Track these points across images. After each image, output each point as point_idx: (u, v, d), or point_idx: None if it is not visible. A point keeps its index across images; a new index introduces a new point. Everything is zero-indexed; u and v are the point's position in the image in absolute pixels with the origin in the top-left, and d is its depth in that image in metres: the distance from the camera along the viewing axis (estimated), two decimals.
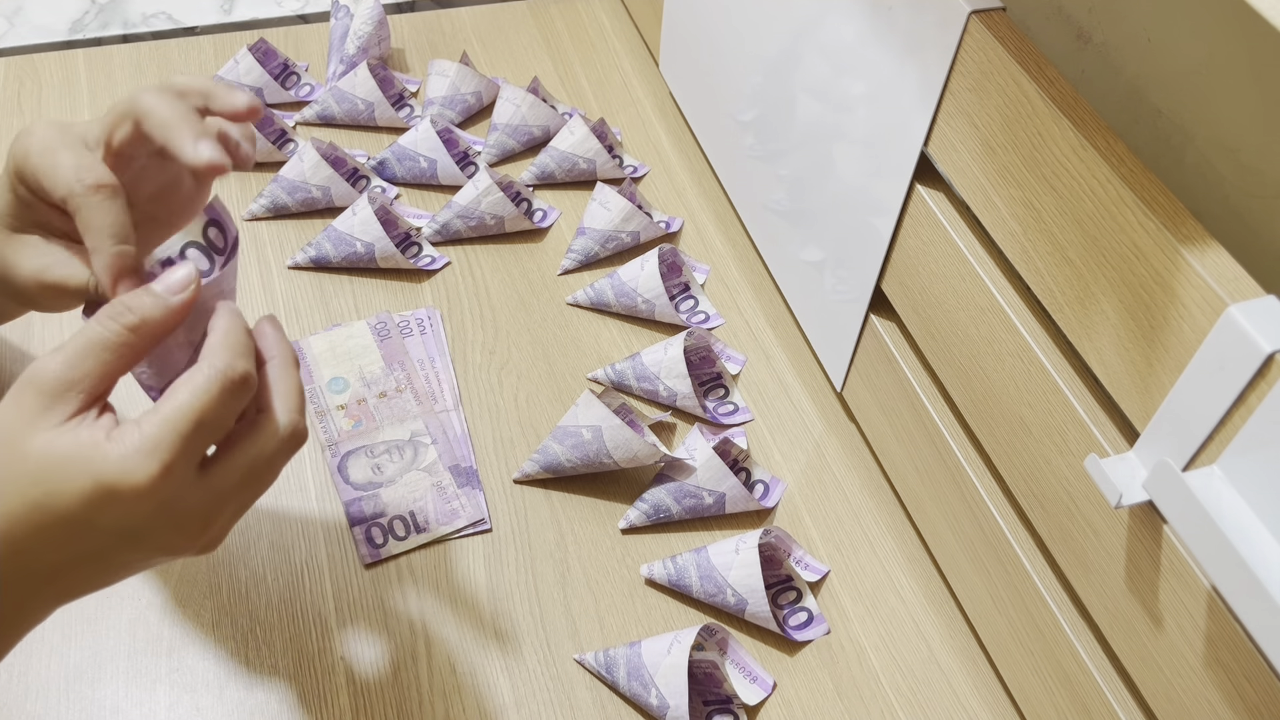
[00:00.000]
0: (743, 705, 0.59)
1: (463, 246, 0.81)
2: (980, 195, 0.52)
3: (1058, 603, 0.52)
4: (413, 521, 0.64)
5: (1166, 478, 0.40)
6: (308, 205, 0.81)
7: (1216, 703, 0.42)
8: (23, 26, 0.94)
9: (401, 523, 0.64)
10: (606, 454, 0.65)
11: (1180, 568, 0.42)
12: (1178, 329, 0.41)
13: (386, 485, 0.66)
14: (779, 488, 0.69)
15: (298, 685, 0.58)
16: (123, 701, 0.57)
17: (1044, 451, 0.50)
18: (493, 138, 0.86)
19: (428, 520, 0.64)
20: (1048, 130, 0.46)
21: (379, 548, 0.63)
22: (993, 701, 0.60)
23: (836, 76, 0.61)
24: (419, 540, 0.64)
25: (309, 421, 0.68)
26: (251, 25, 0.98)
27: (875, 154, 0.59)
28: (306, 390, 0.70)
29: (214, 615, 0.60)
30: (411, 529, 0.64)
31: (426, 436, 0.68)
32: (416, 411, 0.69)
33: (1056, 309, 0.48)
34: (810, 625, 0.63)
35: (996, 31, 0.48)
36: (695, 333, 0.72)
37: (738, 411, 0.73)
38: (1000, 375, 0.53)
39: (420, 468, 0.66)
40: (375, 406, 0.69)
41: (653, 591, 0.64)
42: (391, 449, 0.67)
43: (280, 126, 0.86)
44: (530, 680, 0.59)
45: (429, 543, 0.64)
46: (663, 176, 0.88)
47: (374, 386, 0.70)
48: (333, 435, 0.68)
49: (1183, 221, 0.41)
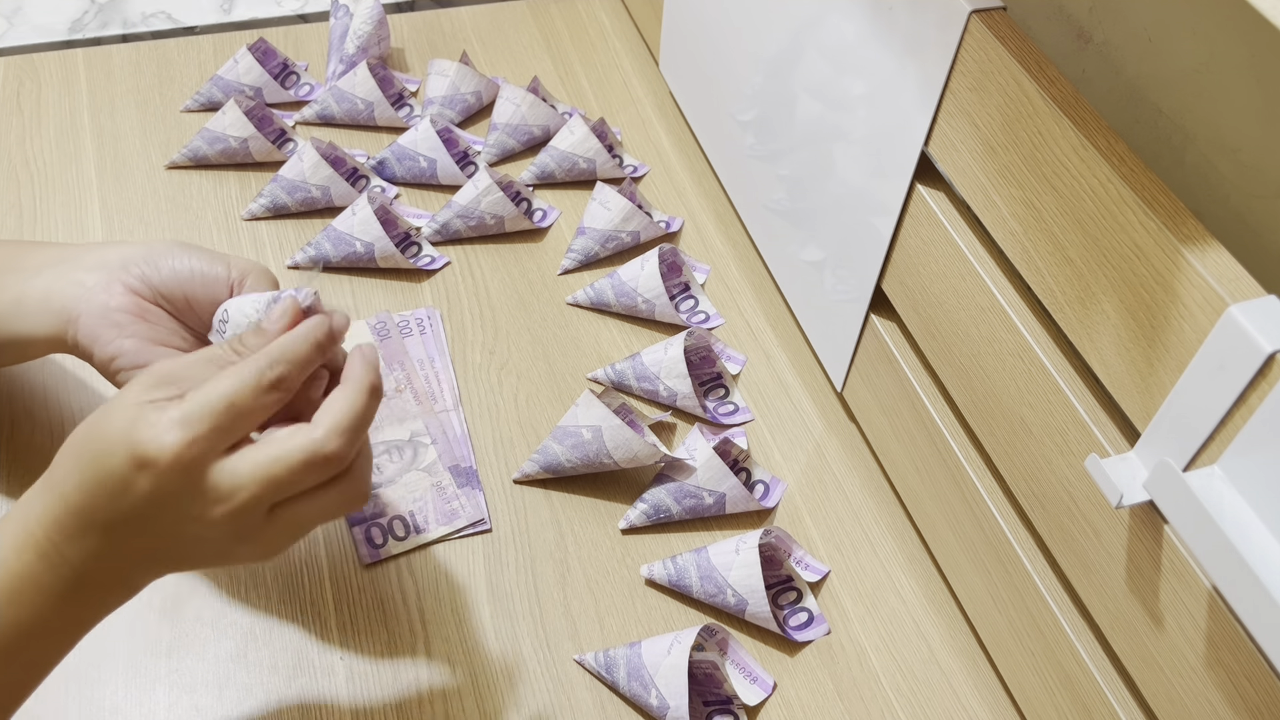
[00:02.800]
0: (743, 705, 0.58)
1: (463, 246, 0.81)
2: (981, 195, 0.52)
3: (1058, 603, 0.52)
4: (412, 522, 0.64)
5: (1167, 478, 0.40)
6: (307, 205, 0.81)
7: (1217, 703, 0.42)
8: (22, 26, 0.94)
9: (401, 523, 0.64)
10: (606, 454, 0.65)
11: (1181, 568, 0.42)
12: (1178, 329, 0.41)
13: (386, 485, 0.66)
14: (779, 488, 0.69)
15: (298, 685, 0.58)
16: (123, 701, 0.57)
17: (1044, 451, 0.50)
18: (493, 137, 0.86)
19: (427, 520, 0.64)
20: (1048, 130, 0.46)
21: (379, 548, 0.63)
22: (993, 701, 0.60)
23: (837, 76, 0.61)
24: (419, 540, 0.64)
25: None
26: (251, 25, 0.98)
27: (876, 154, 0.59)
28: None
29: (214, 615, 0.60)
30: (411, 529, 0.64)
31: (426, 437, 0.68)
32: (416, 411, 0.69)
33: (1057, 309, 0.48)
34: (810, 625, 0.63)
35: (997, 31, 0.48)
36: (695, 333, 0.72)
37: (738, 411, 0.73)
38: (1000, 375, 0.53)
39: (420, 468, 0.66)
40: None
41: (653, 592, 0.64)
42: (391, 449, 0.67)
43: (280, 126, 0.86)
44: (530, 680, 0.59)
45: (429, 543, 0.64)
46: (663, 176, 0.88)
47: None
48: None
49: (1183, 221, 0.41)
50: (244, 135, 0.82)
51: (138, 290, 0.54)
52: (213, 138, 0.82)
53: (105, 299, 0.53)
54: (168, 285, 0.54)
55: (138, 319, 0.53)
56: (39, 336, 0.54)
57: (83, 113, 0.87)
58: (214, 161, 0.83)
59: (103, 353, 0.52)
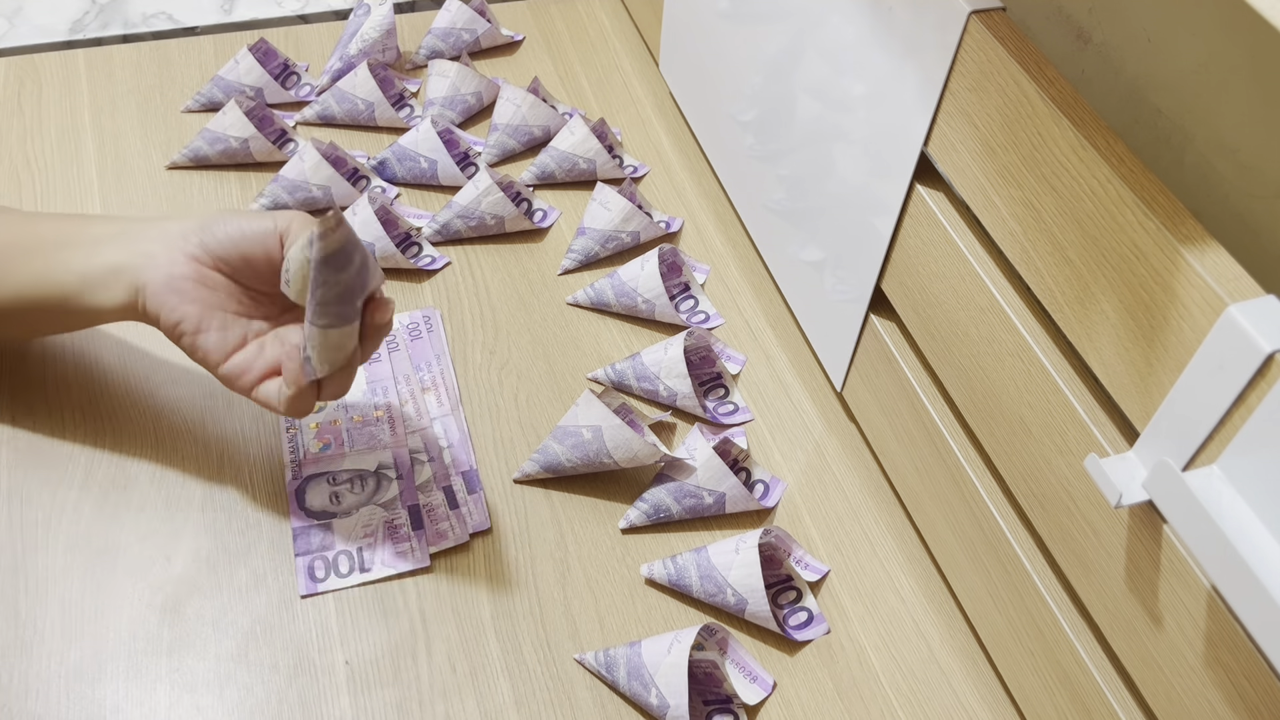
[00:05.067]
0: (743, 705, 0.59)
1: (463, 246, 0.81)
2: (980, 195, 0.52)
3: (1058, 603, 0.52)
4: (359, 559, 0.62)
5: (1166, 477, 0.40)
6: (308, 205, 0.81)
7: (1216, 703, 0.42)
8: (23, 26, 0.94)
9: (347, 558, 0.62)
10: (606, 454, 0.65)
11: (1180, 568, 0.42)
12: (1178, 329, 0.41)
13: (340, 517, 0.64)
14: (779, 488, 0.69)
15: (298, 685, 0.58)
16: (123, 701, 0.57)
17: (1044, 451, 0.50)
18: (493, 138, 0.86)
19: (373, 561, 0.62)
20: (1048, 130, 0.46)
21: (318, 581, 0.61)
22: (993, 701, 0.60)
23: (836, 76, 0.61)
24: (360, 579, 0.62)
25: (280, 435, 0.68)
26: (252, 25, 0.98)
27: (875, 154, 0.59)
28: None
29: (214, 615, 0.60)
30: (356, 567, 0.62)
31: (392, 471, 0.66)
32: (389, 443, 0.67)
33: (1056, 309, 0.48)
34: (810, 625, 0.63)
35: (996, 31, 0.48)
36: (695, 333, 0.72)
37: (738, 411, 0.73)
38: (1000, 375, 0.53)
39: (379, 503, 0.64)
40: (348, 430, 0.68)
41: (653, 591, 0.64)
42: (355, 479, 0.65)
43: (280, 126, 0.86)
44: (530, 680, 0.59)
45: (369, 583, 0.62)
46: (663, 176, 0.88)
47: (352, 410, 0.69)
48: (299, 455, 0.66)
49: (1183, 221, 0.41)
50: (245, 135, 0.82)
51: (199, 258, 0.58)
52: (213, 138, 0.82)
53: (169, 268, 0.57)
54: (224, 248, 0.58)
55: (199, 285, 0.58)
56: (112, 306, 0.58)
57: (84, 113, 0.87)
58: (215, 162, 0.83)
59: (169, 319, 0.57)
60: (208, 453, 0.66)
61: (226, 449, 0.67)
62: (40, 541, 0.62)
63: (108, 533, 0.62)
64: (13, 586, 0.60)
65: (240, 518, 0.64)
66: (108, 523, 0.63)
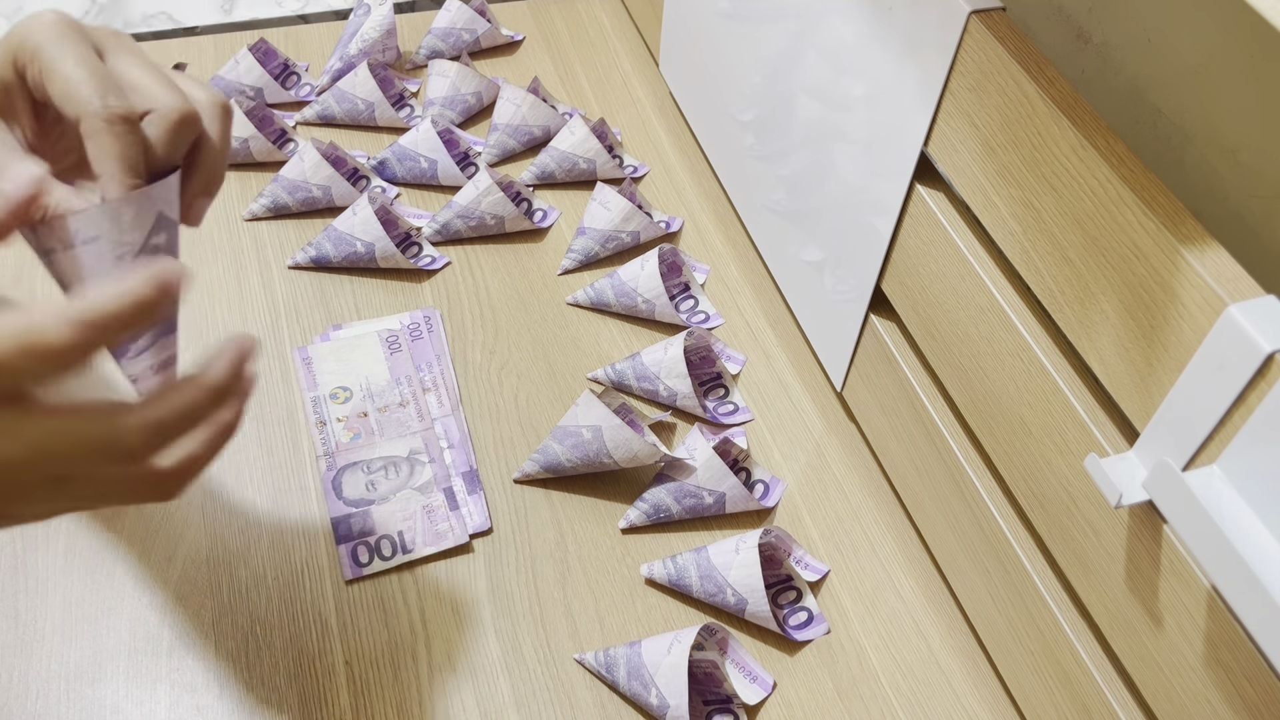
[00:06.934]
0: (743, 705, 0.59)
1: (463, 246, 0.81)
2: (980, 195, 0.52)
3: (1058, 602, 0.52)
4: (400, 542, 0.64)
5: (1166, 477, 0.40)
6: (308, 205, 0.81)
7: (1216, 702, 0.42)
8: None
9: (389, 542, 0.64)
10: (606, 454, 0.65)
11: (1180, 567, 0.42)
12: (1178, 329, 0.41)
13: (379, 503, 0.65)
14: (779, 487, 0.69)
15: (298, 685, 0.58)
16: (123, 701, 0.57)
17: (1044, 451, 0.50)
18: (493, 138, 0.86)
19: (415, 541, 0.64)
20: (1048, 130, 0.46)
21: (363, 566, 0.63)
22: (993, 701, 0.60)
23: (836, 76, 0.61)
24: (403, 559, 0.63)
25: (310, 430, 0.68)
26: (251, 25, 0.98)
27: (875, 154, 0.59)
28: (310, 398, 0.70)
29: (214, 615, 0.60)
30: (398, 549, 0.64)
31: (424, 455, 0.67)
32: (418, 428, 0.69)
33: (1056, 309, 0.48)
34: (810, 625, 0.63)
35: (996, 31, 0.48)
36: (695, 333, 0.72)
37: (738, 411, 0.73)
38: (1000, 375, 0.53)
39: (414, 487, 0.66)
40: (376, 420, 0.69)
41: (653, 591, 0.64)
42: (388, 465, 0.67)
43: (280, 126, 0.86)
44: (530, 680, 0.59)
45: (414, 561, 0.63)
46: (663, 176, 0.88)
47: (377, 399, 0.70)
48: (330, 447, 0.68)
49: (1183, 221, 0.41)
50: (245, 135, 0.82)
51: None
52: None
53: None
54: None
55: None
56: None
57: None
58: None
59: None
60: None
61: (226, 449, 0.67)
62: (40, 541, 0.62)
63: (108, 533, 0.62)
64: (13, 586, 0.60)
65: (240, 518, 0.64)
66: (108, 523, 0.63)
